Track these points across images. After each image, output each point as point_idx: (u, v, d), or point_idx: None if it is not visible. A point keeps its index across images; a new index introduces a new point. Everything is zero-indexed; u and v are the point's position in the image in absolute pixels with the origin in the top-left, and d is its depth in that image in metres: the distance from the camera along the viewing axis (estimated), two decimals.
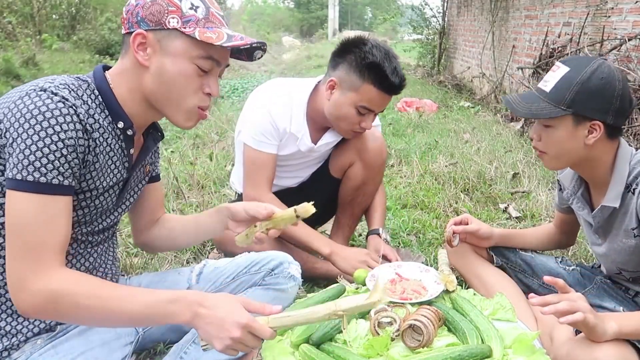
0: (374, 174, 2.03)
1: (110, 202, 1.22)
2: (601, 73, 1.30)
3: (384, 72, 1.72)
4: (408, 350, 1.35)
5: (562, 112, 1.30)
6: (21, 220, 1.00)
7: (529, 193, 3.09)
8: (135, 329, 1.36)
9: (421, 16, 10.65)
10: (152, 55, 1.11)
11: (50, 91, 1.03)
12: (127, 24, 1.13)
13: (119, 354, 1.26)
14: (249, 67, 11.29)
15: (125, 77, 1.15)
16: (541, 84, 1.38)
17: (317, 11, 41.59)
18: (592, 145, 1.32)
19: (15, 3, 9.75)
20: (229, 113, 5.40)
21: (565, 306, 1.12)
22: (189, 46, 1.11)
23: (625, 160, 1.34)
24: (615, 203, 1.34)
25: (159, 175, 1.46)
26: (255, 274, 1.50)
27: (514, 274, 1.71)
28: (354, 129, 1.84)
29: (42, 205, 1.01)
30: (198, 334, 1.12)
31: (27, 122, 0.99)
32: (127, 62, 1.15)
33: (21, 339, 1.14)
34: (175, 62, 1.11)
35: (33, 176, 0.99)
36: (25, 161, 0.99)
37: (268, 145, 1.86)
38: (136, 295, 1.08)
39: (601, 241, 1.47)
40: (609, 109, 1.30)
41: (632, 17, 3.93)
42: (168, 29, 1.10)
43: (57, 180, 1.02)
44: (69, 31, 11.26)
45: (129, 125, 1.17)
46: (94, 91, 1.13)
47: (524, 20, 6.06)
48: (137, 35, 1.10)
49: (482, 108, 6.39)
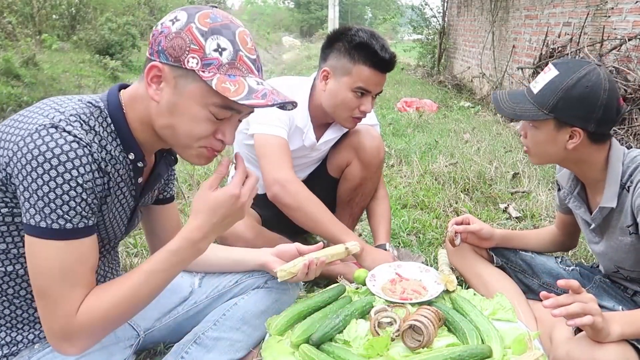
0: (371, 173, 2.03)
1: (119, 230, 1.21)
2: (587, 81, 1.29)
3: (373, 49, 1.73)
4: (408, 350, 1.35)
5: (544, 116, 1.32)
6: (50, 269, 0.97)
7: (529, 193, 3.09)
8: (137, 332, 1.35)
9: (421, 16, 10.66)
10: (164, 90, 1.03)
11: (62, 129, 0.96)
12: (150, 48, 1.04)
13: (119, 357, 1.25)
14: None
15: (138, 104, 1.09)
16: (532, 84, 1.39)
17: (317, 11, 41.61)
18: (573, 149, 1.35)
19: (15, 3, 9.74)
20: None
21: (576, 309, 1.10)
22: (205, 92, 1.01)
23: (618, 160, 1.36)
24: (612, 203, 1.35)
25: (173, 196, 1.41)
26: (258, 277, 1.49)
27: (514, 274, 1.71)
28: (354, 114, 1.83)
29: (71, 250, 0.99)
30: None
31: (41, 166, 0.93)
32: (141, 90, 1.07)
33: (21, 347, 1.14)
34: (188, 105, 1.02)
35: (58, 224, 0.96)
36: (46, 209, 0.95)
37: (281, 130, 1.80)
38: (152, 271, 1.08)
39: (598, 239, 1.48)
40: (591, 118, 1.30)
41: (632, 17, 3.94)
42: (186, 69, 1.00)
43: (83, 224, 0.99)
44: (69, 31, 11.26)
45: (140, 157, 1.12)
46: (107, 119, 1.07)
47: (524, 20, 6.06)
48: (153, 68, 1.01)
49: (482, 108, 6.39)
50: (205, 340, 1.34)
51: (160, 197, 1.37)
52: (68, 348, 1.02)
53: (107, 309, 1.03)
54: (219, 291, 1.46)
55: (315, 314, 1.49)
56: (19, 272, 1.09)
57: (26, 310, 1.14)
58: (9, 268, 1.08)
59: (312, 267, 1.44)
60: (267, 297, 1.46)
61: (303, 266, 1.42)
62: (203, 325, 1.38)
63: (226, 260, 1.50)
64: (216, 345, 1.34)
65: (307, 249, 1.49)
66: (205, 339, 1.34)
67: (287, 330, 1.44)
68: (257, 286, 1.48)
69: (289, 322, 1.45)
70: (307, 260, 1.43)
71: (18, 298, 1.12)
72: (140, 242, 2.31)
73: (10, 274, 1.08)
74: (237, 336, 1.38)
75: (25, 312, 1.14)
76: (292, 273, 1.42)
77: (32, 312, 1.14)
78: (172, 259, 1.09)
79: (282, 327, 1.43)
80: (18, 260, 1.08)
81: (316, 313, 1.49)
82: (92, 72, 8.18)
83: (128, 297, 1.05)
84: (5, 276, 1.09)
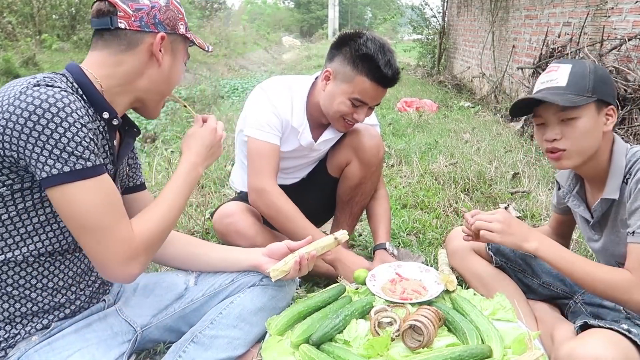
0: (371, 172, 2.03)
1: None
2: (598, 65, 1.40)
3: (376, 63, 1.72)
4: (408, 350, 1.35)
5: (589, 99, 1.33)
6: (91, 207, 1.04)
7: (529, 193, 3.09)
8: (133, 328, 1.36)
9: (421, 16, 10.66)
10: (164, 55, 1.22)
11: (45, 84, 1.03)
12: (136, 21, 1.15)
13: (116, 351, 1.26)
14: (249, 67, 11.30)
15: (120, 71, 1.18)
16: (548, 84, 1.38)
17: (317, 11, 41.59)
18: (606, 132, 1.37)
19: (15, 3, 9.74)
20: (229, 113, 5.40)
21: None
22: (185, 49, 1.30)
23: (622, 154, 1.38)
24: (615, 195, 1.37)
25: (143, 184, 1.47)
26: (254, 275, 1.50)
27: (514, 273, 1.71)
28: (346, 119, 1.83)
29: (100, 186, 1.06)
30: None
31: (42, 117, 0.98)
32: (128, 57, 1.18)
33: (18, 339, 1.15)
34: (179, 62, 1.28)
35: (80, 164, 1.02)
36: (64, 154, 1.00)
37: (272, 136, 1.83)
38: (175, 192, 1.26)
39: (598, 236, 1.49)
40: (615, 95, 1.39)
41: (632, 17, 3.93)
42: (178, 34, 1.24)
43: (99, 161, 1.06)
44: (69, 31, 11.25)
45: (114, 114, 1.18)
46: (73, 84, 1.13)
47: (524, 20, 6.07)
48: (163, 38, 1.19)
49: (482, 108, 6.39)
50: (203, 339, 1.34)
51: (131, 184, 1.42)
52: (134, 268, 1.13)
53: (157, 221, 1.19)
54: (215, 289, 1.47)
55: (315, 314, 1.49)
56: (17, 259, 1.10)
57: (24, 304, 1.15)
58: (8, 255, 1.09)
59: (304, 263, 1.46)
60: (263, 294, 1.47)
61: (294, 263, 1.44)
62: (200, 324, 1.38)
63: (221, 260, 1.52)
64: (214, 343, 1.34)
65: (297, 245, 1.50)
66: (202, 338, 1.34)
67: (287, 330, 1.44)
68: (253, 284, 1.48)
69: (289, 322, 1.45)
70: (298, 257, 1.45)
71: (17, 289, 1.13)
72: None
73: (9, 261, 1.09)
74: (234, 333, 1.38)
75: (23, 305, 1.15)
76: (285, 271, 1.43)
77: (30, 307, 1.15)
78: (185, 177, 1.30)
79: (282, 327, 1.43)
80: (18, 245, 1.09)
81: (316, 313, 1.49)
82: None
83: (166, 209, 1.22)
84: (4, 265, 1.10)
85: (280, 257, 1.48)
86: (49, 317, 1.19)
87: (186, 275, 1.51)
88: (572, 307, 1.61)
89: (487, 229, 1.40)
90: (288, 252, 1.50)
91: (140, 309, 1.41)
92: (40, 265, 1.14)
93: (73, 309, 1.23)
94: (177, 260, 1.52)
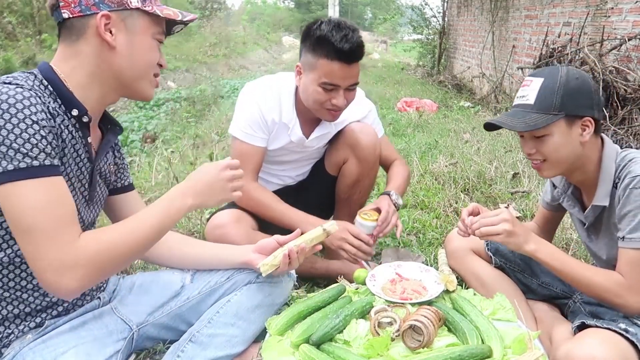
0: (368, 169, 2.03)
1: (82, 195, 1.21)
2: (573, 74, 1.36)
3: (331, 42, 1.70)
4: (408, 350, 1.35)
5: (555, 117, 1.33)
6: (30, 208, 0.98)
7: (529, 193, 3.09)
8: (129, 326, 1.37)
9: (421, 16, 10.67)
10: (117, 35, 1.14)
11: (2, 82, 1.02)
12: (77, 7, 1.11)
13: (111, 349, 1.26)
14: (249, 67, 11.30)
15: (81, 62, 1.14)
16: (520, 100, 1.40)
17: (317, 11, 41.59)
18: (585, 143, 1.36)
19: (15, 3, 9.73)
20: (229, 113, 5.40)
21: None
22: (149, 23, 1.18)
23: (611, 159, 1.38)
24: (605, 202, 1.37)
25: (132, 184, 1.45)
26: (250, 272, 1.50)
27: (513, 274, 1.71)
28: (326, 106, 1.80)
29: (45, 187, 1.00)
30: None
31: None
32: (82, 47, 1.13)
33: (12, 339, 1.15)
34: (142, 39, 1.18)
35: (25, 162, 0.97)
36: (10, 151, 0.96)
37: (256, 139, 1.87)
38: (147, 216, 1.17)
39: (593, 238, 1.49)
40: (592, 104, 1.36)
41: (632, 17, 3.94)
42: (130, 9, 1.15)
43: (49, 161, 1.01)
44: None
45: (83, 111, 1.14)
46: (42, 82, 1.11)
47: (524, 20, 6.07)
48: (103, 17, 1.11)
49: (482, 108, 6.40)
50: (201, 338, 1.34)
51: (119, 185, 1.40)
52: (70, 280, 1.01)
53: (112, 239, 1.09)
54: (211, 287, 1.47)
55: (315, 314, 1.49)
56: (3, 261, 1.09)
57: (16, 306, 1.14)
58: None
59: (293, 256, 1.45)
60: (259, 292, 1.47)
61: (283, 256, 1.44)
62: (198, 324, 1.38)
63: (214, 259, 1.52)
64: (212, 342, 1.34)
65: (286, 239, 1.50)
66: (200, 337, 1.34)
67: (287, 330, 1.44)
68: (249, 281, 1.48)
69: (289, 322, 1.45)
70: (287, 250, 1.44)
71: (7, 291, 1.12)
72: None
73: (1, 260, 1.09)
74: (232, 332, 1.38)
75: (15, 307, 1.14)
76: (274, 265, 1.43)
77: (23, 308, 1.15)
78: (167, 204, 1.20)
79: (282, 327, 1.43)
80: (1, 247, 1.08)
81: (316, 313, 1.49)
82: None
83: (127, 231, 1.12)
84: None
85: (270, 252, 1.48)
86: (42, 316, 1.19)
87: (182, 273, 1.51)
88: (572, 306, 1.61)
89: (494, 232, 1.38)
90: (278, 247, 1.49)
91: (136, 307, 1.41)
92: (28, 266, 1.12)
93: (66, 306, 1.23)
94: (171, 261, 1.52)
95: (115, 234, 1.11)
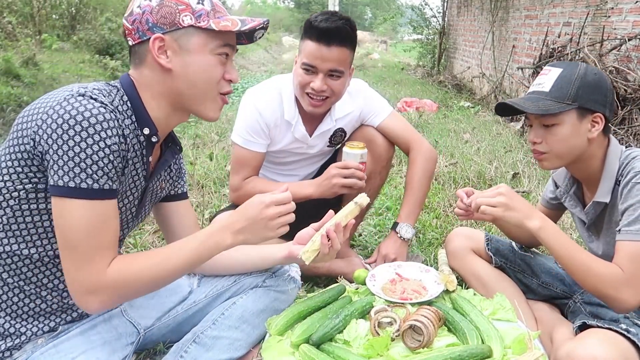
0: (380, 167, 2.04)
1: (130, 211, 1.22)
2: (592, 70, 1.36)
3: (313, 24, 1.73)
4: (408, 350, 1.35)
5: (568, 106, 1.33)
6: (77, 226, 1.02)
7: (529, 193, 3.09)
8: (137, 330, 1.36)
9: (421, 16, 10.67)
10: (172, 57, 1.13)
11: (89, 96, 1.03)
12: (136, 33, 1.13)
13: (120, 354, 1.26)
14: (249, 67, 11.30)
15: (146, 85, 1.16)
16: (536, 87, 1.40)
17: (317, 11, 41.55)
18: (592, 140, 1.36)
19: (15, 3, 9.73)
20: (229, 113, 5.40)
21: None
22: (206, 39, 1.14)
23: (616, 157, 1.38)
24: (606, 198, 1.37)
25: (185, 193, 1.44)
26: (256, 276, 1.50)
27: (513, 274, 1.71)
28: (306, 90, 1.81)
29: (97, 210, 1.03)
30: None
31: (72, 128, 0.98)
32: (145, 70, 1.15)
33: (24, 340, 1.15)
34: (198, 57, 1.15)
35: (86, 183, 1.00)
36: (76, 169, 0.99)
37: (256, 145, 1.90)
38: (180, 248, 1.17)
39: (594, 238, 1.49)
40: (606, 102, 1.36)
41: (632, 17, 3.94)
42: (183, 28, 1.12)
43: (108, 185, 1.04)
44: (69, 31, 11.24)
45: (154, 131, 1.17)
46: (123, 97, 1.13)
47: (524, 20, 6.07)
48: (156, 40, 1.11)
49: (482, 108, 6.40)
50: (205, 339, 1.34)
51: (172, 192, 1.40)
52: (92, 302, 1.06)
53: (140, 269, 1.10)
54: (218, 290, 1.47)
55: (315, 314, 1.49)
56: (33, 257, 1.11)
57: (34, 301, 1.15)
58: (24, 252, 1.10)
59: (332, 235, 1.38)
60: (265, 296, 1.47)
61: (322, 238, 1.38)
62: (202, 324, 1.38)
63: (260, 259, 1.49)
64: (215, 344, 1.34)
65: (321, 223, 1.44)
66: (204, 338, 1.34)
67: (287, 330, 1.44)
68: (256, 285, 1.48)
69: (289, 322, 1.45)
70: (324, 231, 1.39)
71: (29, 285, 1.13)
72: (140, 242, 2.31)
73: (26, 258, 1.11)
74: (236, 335, 1.38)
75: (32, 302, 1.15)
76: (315, 250, 1.38)
77: (39, 303, 1.16)
78: (204, 238, 1.18)
79: (282, 327, 1.43)
80: (35, 244, 1.10)
81: (316, 313, 1.49)
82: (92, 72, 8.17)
83: (156, 262, 1.13)
84: (20, 261, 1.11)
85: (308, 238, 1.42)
86: (56, 320, 1.19)
87: (189, 278, 1.51)
88: (572, 306, 1.61)
89: (490, 204, 1.35)
90: (313, 232, 1.44)
91: (144, 310, 1.41)
92: (54, 266, 1.15)
93: (80, 312, 1.24)
94: (221, 268, 1.49)
95: (147, 263, 1.12)
